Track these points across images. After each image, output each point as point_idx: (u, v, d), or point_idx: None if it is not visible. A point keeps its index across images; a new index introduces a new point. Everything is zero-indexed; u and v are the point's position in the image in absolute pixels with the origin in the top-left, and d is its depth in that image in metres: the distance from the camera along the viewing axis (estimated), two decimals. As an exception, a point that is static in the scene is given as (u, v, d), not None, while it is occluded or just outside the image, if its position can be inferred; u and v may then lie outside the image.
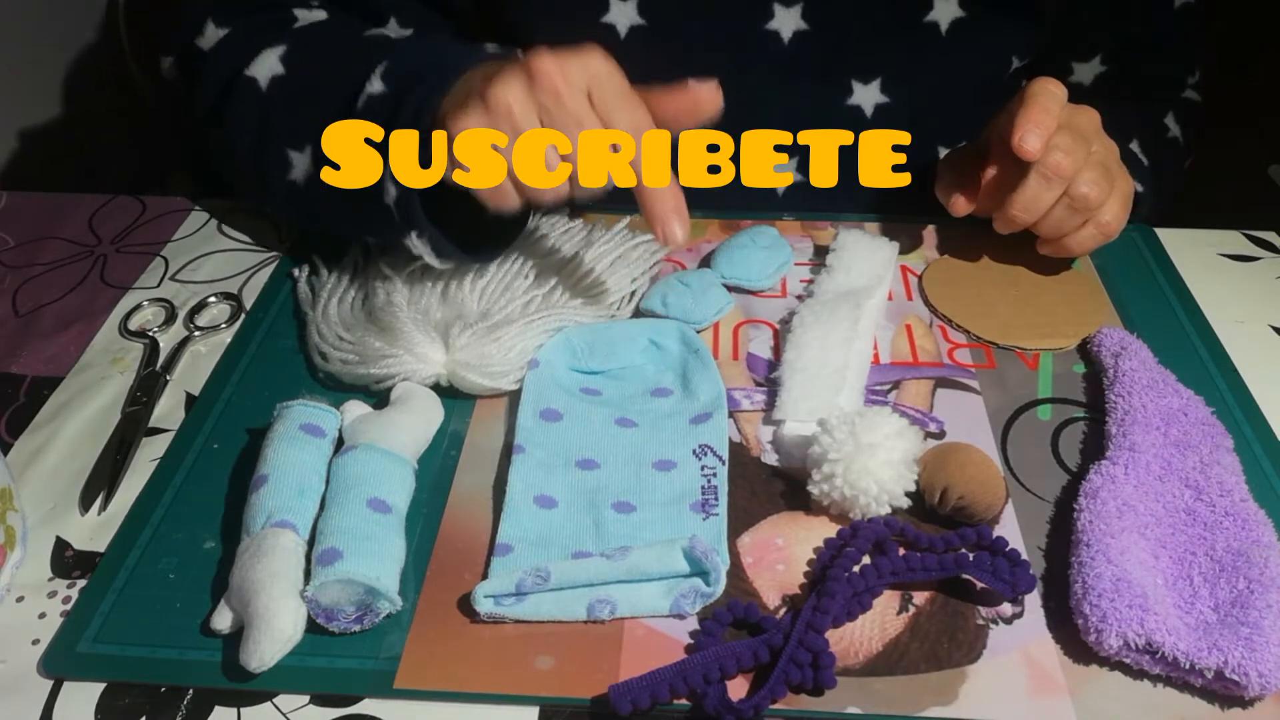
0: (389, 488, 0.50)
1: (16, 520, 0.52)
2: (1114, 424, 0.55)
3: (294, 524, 0.48)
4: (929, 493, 0.52)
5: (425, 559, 0.50)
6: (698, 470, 0.53)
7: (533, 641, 0.47)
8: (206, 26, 0.66)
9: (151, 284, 0.70)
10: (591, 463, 0.54)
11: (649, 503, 0.52)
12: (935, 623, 0.48)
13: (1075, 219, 0.62)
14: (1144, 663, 0.45)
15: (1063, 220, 0.62)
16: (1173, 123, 0.76)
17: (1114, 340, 0.61)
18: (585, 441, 0.55)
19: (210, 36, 0.66)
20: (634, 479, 0.53)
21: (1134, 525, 0.50)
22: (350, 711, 0.45)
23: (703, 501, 0.52)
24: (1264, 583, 0.46)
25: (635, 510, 0.52)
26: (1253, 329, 0.65)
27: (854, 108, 0.72)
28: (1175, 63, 0.78)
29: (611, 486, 0.53)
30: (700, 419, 0.56)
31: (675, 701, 0.44)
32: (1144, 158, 0.72)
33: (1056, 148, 0.59)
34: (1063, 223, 0.62)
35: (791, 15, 0.69)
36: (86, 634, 0.47)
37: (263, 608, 0.44)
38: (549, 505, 0.52)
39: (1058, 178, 0.59)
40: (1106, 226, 0.62)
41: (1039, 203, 0.61)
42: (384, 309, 0.59)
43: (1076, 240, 0.63)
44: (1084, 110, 0.62)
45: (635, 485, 0.53)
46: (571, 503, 0.52)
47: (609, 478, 0.54)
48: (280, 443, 0.52)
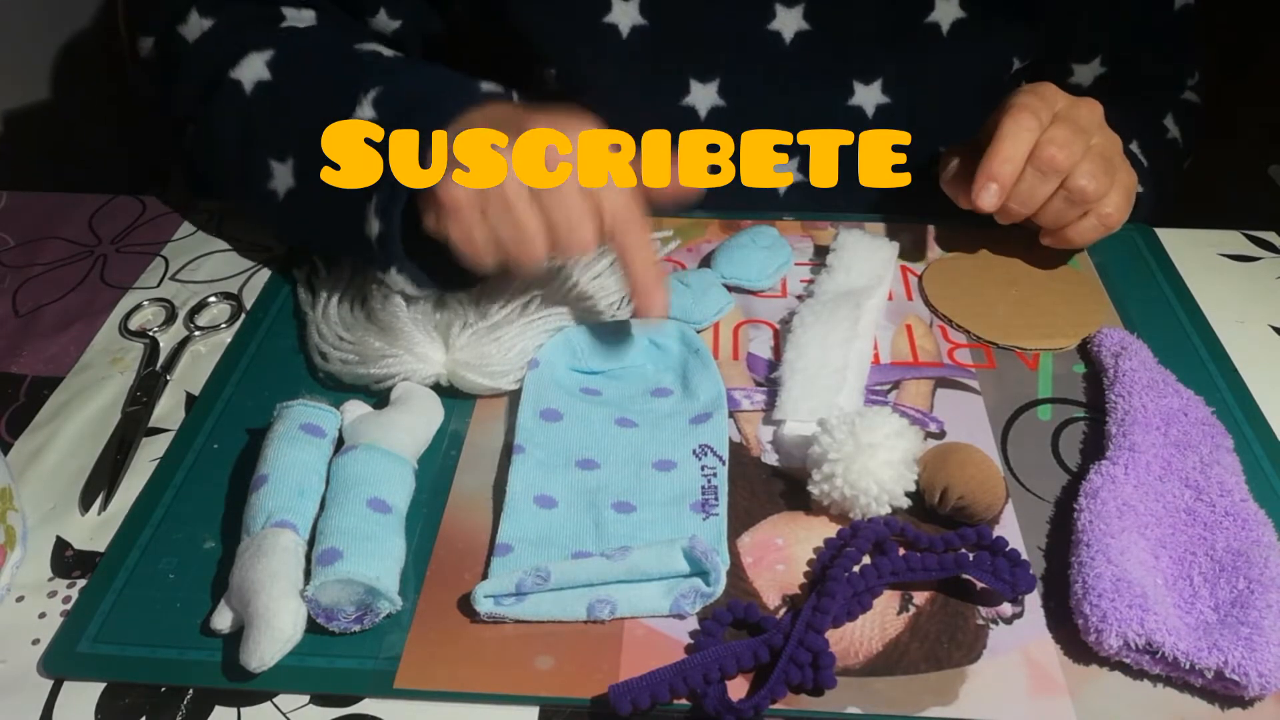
0: (389, 488, 0.50)
1: (16, 520, 0.52)
2: (1114, 424, 0.55)
3: (294, 524, 0.48)
4: (929, 493, 0.52)
5: (425, 559, 0.50)
6: (698, 470, 0.53)
7: (533, 641, 0.47)
8: (190, 14, 0.65)
9: (151, 284, 0.70)
10: (591, 463, 0.54)
11: (649, 503, 0.52)
12: (935, 623, 0.48)
13: (1074, 210, 0.62)
14: (1144, 663, 0.45)
15: (1062, 211, 0.62)
16: (1172, 123, 0.76)
17: (1114, 340, 0.61)
18: (585, 441, 0.55)
19: (194, 26, 0.65)
20: (634, 479, 0.53)
21: (1134, 525, 0.50)
22: (350, 711, 0.45)
23: (703, 501, 0.52)
24: (1264, 583, 0.46)
25: (635, 510, 0.52)
26: (1253, 329, 0.65)
27: (855, 108, 0.72)
28: (1174, 63, 0.78)
29: (612, 486, 0.53)
30: (700, 419, 0.56)
31: (675, 701, 0.44)
32: (1143, 159, 0.72)
33: (1051, 141, 0.59)
34: (1062, 214, 0.62)
35: (793, 16, 0.69)
36: (86, 634, 0.47)
37: (263, 608, 0.44)
38: (549, 505, 0.52)
39: (1053, 172, 0.60)
40: (1108, 218, 0.63)
41: (1035, 196, 0.61)
42: (384, 309, 0.59)
43: (1078, 231, 0.63)
44: (1085, 103, 0.62)
45: (635, 485, 0.53)
46: (571, 503, 0.52)
47: (609, 478, 0.54)
48: (280, 443, 0.51)
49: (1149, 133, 0.73)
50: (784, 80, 0.71)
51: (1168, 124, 0.75)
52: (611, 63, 0.70)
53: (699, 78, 0.70)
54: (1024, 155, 0.59)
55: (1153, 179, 0.71)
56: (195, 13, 0.65)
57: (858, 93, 0.72)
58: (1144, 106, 0.76)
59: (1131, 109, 0.73)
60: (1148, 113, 0.75)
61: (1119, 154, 0.63)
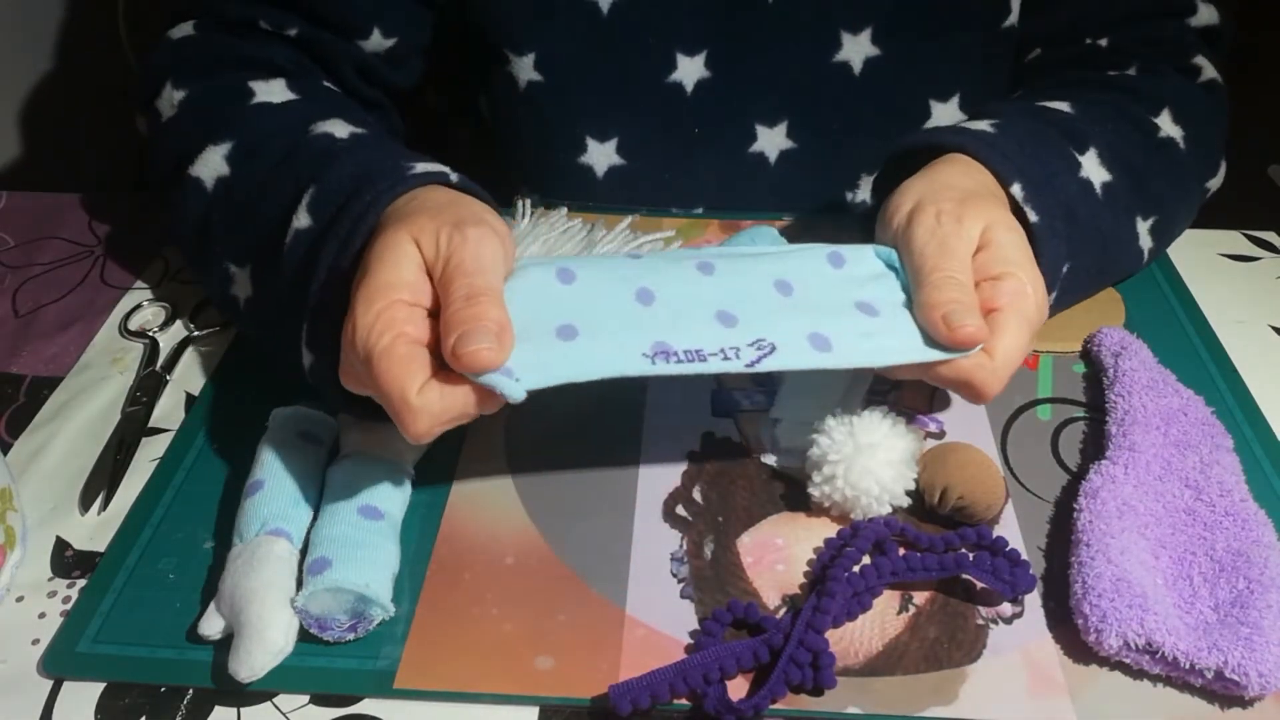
0: (381, 494, 0.50)
1: (16, 520, 0.52)
2: (1114, 424, 0.55)
3: (288, 532, 0.48)
4: (929, 493, 0.52)
5: (425, 559, 0.50)
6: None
7: (533, 641, 0.47)
8: (165, 88, 0.63)
9: (151, 284, 0.70)
10: (647, 293, 0.47)
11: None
12: (935, 623, 0.48)
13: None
14: (1144, 663, 0.45)
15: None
16: (1171, 122, 0.70)
17: (1114, 340, 0.61)
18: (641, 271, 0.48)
19: (167, 100, 0.62)
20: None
21: (1134, 525, 0.50)
22: (350, 711, 0.45)
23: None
24: (1264, 583, 0.46)
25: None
26: (1253, 329, 0.65)
27: (842, 64, 0.70)
28: (1175, 17, 0.70)
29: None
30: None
31: (675, 701, 0.44)
32: (1149, 239, 0.64)
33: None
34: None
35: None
36: (86, 634, 0.47)
37: (255, 617, 0.44)
38: (568, 279, 0.46)
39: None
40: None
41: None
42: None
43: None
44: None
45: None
46: (598, 277, 0.46)
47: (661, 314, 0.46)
48: (277, 449, 0.51)
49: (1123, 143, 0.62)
50: (773, 39, 0.69)
51: (1160, 121, 0.69)
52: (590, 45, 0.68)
53: (684, 50, 0.69)
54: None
55: (1096, 236, 0.59)
56: (170, 86, 0.63)
57: (849, 43, 0.70)
58: (1148, 107, 0.66)
59: (1110, 117, 0.63)
60: (1133, 118, 0.65)
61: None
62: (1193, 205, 0.68)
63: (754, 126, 0.73)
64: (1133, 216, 0.62)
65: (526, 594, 0.49)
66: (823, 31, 0.70)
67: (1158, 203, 0.63)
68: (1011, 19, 0.70)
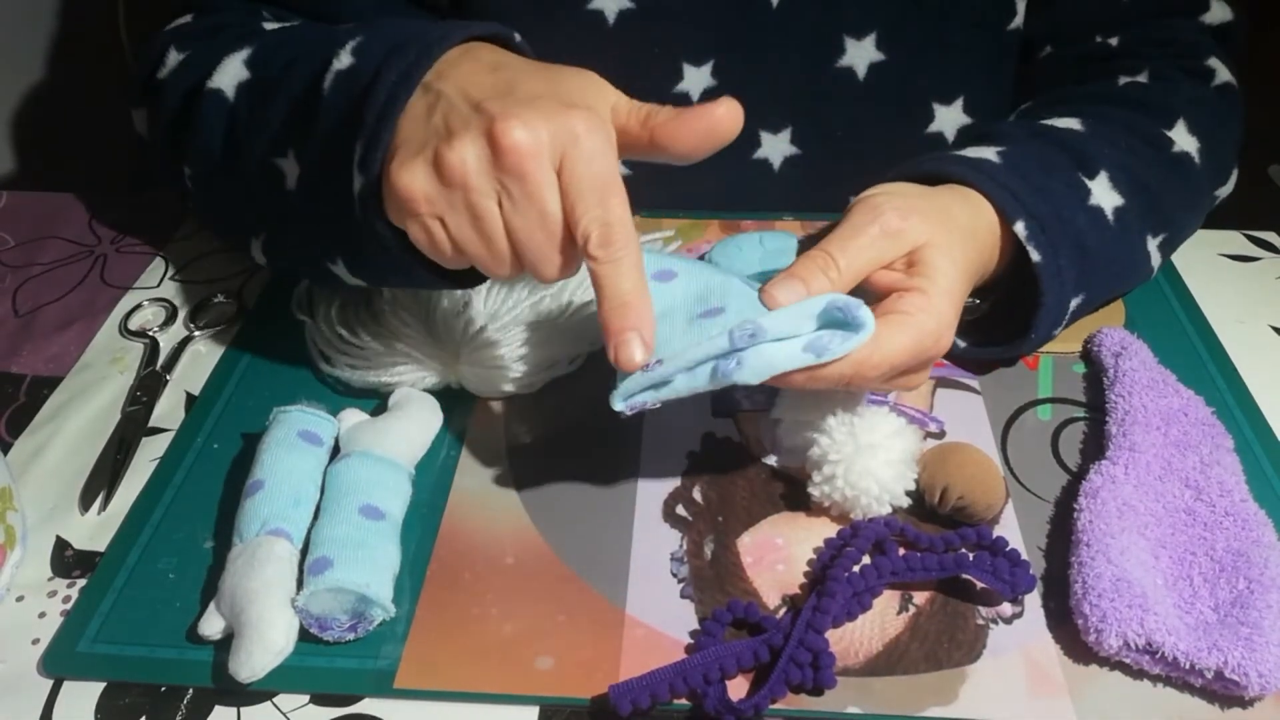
0: (382, 494, 0.50)
1: (16, 520, 0.52)
2: (1114, 424, 0.55)
3: (288, 532, 0.48)
4: (929, 493, 0.52)
5: (425, 559, 0.50)
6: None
7: (533, 641, 0.47)
8: (167, 56, 0.60)
9: (151, 284, 0.70)
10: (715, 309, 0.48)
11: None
12: (935, 623, 0.48)
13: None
14: (1144, 663, 0.45)
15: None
16: (1185, 134, 0.65)
17: (1114, 340, 0.61)
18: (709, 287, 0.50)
19: (170, 66, 0.60)
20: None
21: (1134, 525, 0.50)
22: (350, 711, 0.45)
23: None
24: (1264, 583, 0.46)
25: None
26: (1253, 329, 0.65)
27: (846, 68, 0.70)
28: (1187, 15, 0.69)
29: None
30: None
31: (675, 701, 0.44)
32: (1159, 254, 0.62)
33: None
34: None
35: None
36: (86, 634, 0.47)
37: (255, 618, 0.44)
38: (667, 278, 0.49)
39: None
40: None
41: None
42: (391, 311, 0.59)
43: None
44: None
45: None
46: (692, 274, 0.49)
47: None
48: (277, 449, 0.51)
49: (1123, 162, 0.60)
50: (775, 49, 0.69)
51: (1173, 135, 0.67)
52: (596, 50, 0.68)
53: (693, 63, 0.69)
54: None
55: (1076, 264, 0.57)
56: (173, 51, 0.60)
57: (853, 49, 0.69)
58: (1160, 118, 0.64)
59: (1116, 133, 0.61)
60: (1142, 134, 0.63)
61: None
62: (1202, 215, 0.67)
63: (758, 133, 0.73)
64: (1144, 236, 0.61)
65: (526, 594, 0.49)
66: (827, 38, 0.70)
67: (1169, 219, 0.62)
68: (1016, 21, 0.70)
